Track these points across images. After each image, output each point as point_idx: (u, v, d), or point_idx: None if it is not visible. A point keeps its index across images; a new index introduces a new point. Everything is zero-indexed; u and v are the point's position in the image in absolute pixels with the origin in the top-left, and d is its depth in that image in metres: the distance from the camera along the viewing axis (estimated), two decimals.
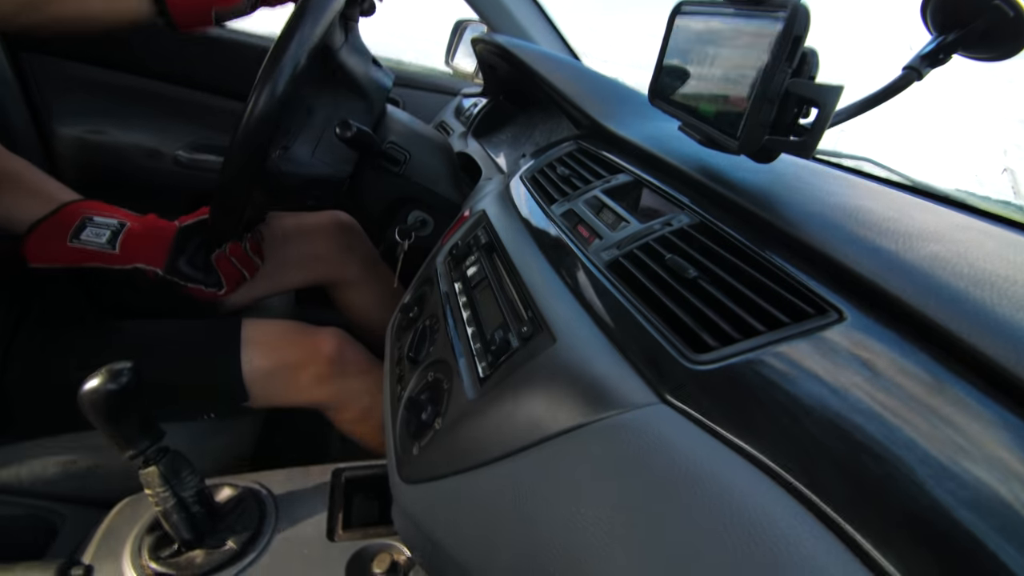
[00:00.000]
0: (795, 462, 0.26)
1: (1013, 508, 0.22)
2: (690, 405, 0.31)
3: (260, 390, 0.77)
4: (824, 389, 0.28)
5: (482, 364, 0.44)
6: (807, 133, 0.41)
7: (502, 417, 0.38)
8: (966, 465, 0.24)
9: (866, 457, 0.25)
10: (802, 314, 0.34)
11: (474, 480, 0.37)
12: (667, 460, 0.29)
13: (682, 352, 0.34)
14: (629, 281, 0.42)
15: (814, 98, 0.40)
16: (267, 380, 0.77)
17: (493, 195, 0.70)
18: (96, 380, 0.49)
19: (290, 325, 0.83)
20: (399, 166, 0.83)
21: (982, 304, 0.30)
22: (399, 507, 0.44)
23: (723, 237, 0.43)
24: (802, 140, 0.41)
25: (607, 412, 0.33)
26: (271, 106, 0.61)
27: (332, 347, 0.81)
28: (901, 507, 0.23)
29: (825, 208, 0.43)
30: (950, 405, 0.26)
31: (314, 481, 0.66)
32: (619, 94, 0.82)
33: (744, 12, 0.46)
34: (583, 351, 0.38)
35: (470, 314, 0.51)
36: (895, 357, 0.29)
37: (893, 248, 0.36)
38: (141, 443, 0.52)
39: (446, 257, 0.63)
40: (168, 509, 0.54)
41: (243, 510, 0.61)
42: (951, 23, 0.47)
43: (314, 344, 0.80)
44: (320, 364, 0.79)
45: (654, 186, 0.56)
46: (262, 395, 0.78)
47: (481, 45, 1.09)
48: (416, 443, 0.44)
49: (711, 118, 0.50)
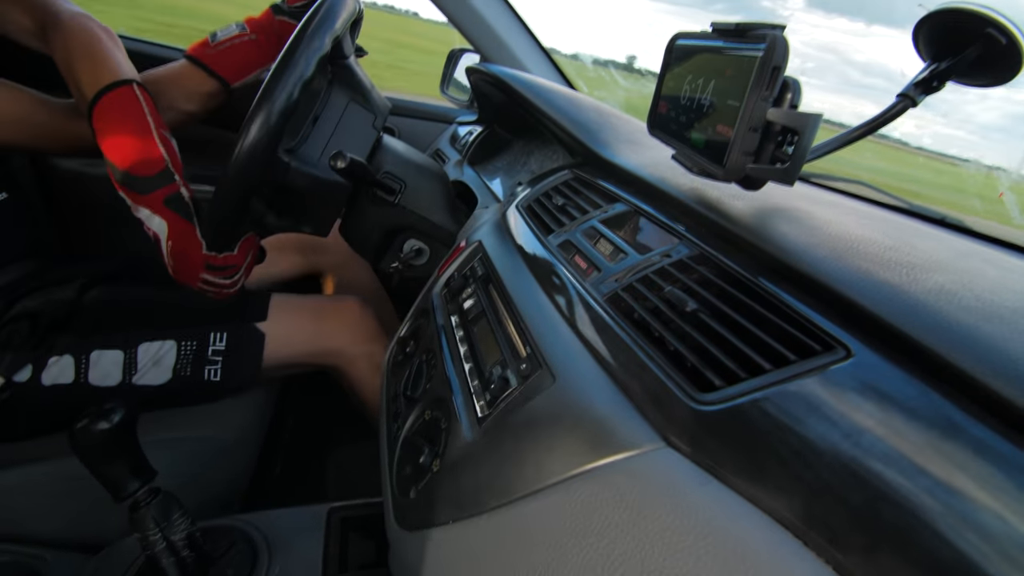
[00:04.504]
0: (809, 511, 0.25)
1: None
2: (696, 448, 0.30)
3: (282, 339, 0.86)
4: (836, 432, 0.27)
5: (480, 403, 0.43)
6: (789, 161, 0.41)
7: (502, 460, 0.36)
8: (989, 514, 0.23)
9: (884, 506, 0.24)
10: (807, 350, 0.33)
11: (474, 528, 0.36)
12: (675, 508, 0.28)
13: (686, 391, 0.33)
14: (629, 315, 0.41)
15: (793, 126, 0.40)
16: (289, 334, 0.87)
17: (489, 225, 0.69)
18: (88, 419, 0.48)
19: (312, 296, 0.95)
20: (395, 195, 0.83)
21: (992, 340, 0.29)
22: (397, 556, 0.42)
23: (723, 269, 0.43)
24: (784, 168, 0.41)
25: (610, 456, 0.32)
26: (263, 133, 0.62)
27: (355, 309, 0.94)
28: (924, 560, 0.22)
29: (825, 238, 0.43)
30: (968, 449, 0.25)
31: (308, 521, 0.65)
32: (614, 123, 0.83)
33: (730, 43, 0.46)
34: (584, 390, 0.37)
35: (467, 349, 0.50)
36: (907, 397, 0.28)
37: (897, 280, 0.35)
38: (132, 485, 0.50)
39: (442, 289, 0.62)
40: (157, 553, 0.52)
41: (235, 553, 0.59)
42: (944, 51, 0.47)
43: (337, 304, 0.94)
44: (342, 322, 0.91)
45: (651, 216, 0.55)
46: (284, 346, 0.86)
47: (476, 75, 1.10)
48: (413, 486, 0.42)
49: (701, 147, 0.50)
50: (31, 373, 0.73)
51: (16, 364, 0.72)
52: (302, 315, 0.90)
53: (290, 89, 0.62)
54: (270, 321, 0.86)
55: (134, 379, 0.77)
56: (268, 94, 0.61)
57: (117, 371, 0.76)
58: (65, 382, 0.74)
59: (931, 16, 0.46)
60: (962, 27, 0.45)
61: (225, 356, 0.81)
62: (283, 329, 0.87)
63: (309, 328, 0.89)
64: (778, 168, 0.42)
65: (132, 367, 0.77)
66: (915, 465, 0.25)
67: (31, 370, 0.73)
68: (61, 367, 0.74)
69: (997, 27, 0.42)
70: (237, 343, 0.83)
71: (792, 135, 0.42)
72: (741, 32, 0.45)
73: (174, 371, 0.79)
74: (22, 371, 0.72)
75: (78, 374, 0.74)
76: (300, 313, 0.90)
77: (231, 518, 0.64)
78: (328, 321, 0.90)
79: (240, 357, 0.83)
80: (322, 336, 0.89)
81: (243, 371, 0.83)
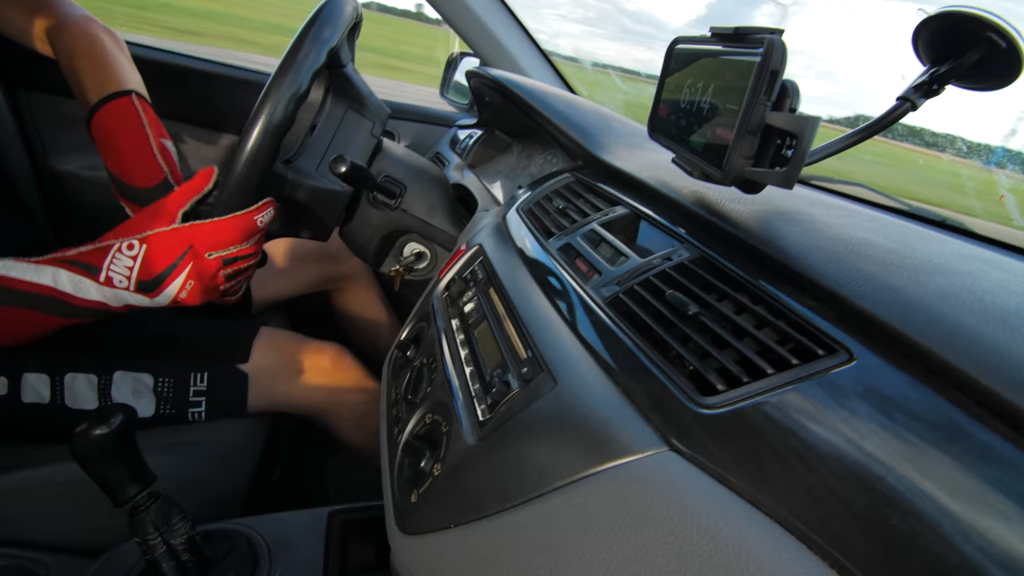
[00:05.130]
0: (813, 515, 0.25)
1: None
2: (699, 452, 0.30)
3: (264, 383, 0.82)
4: (839, 437, 0.27)
5: (481, 407, 0.42)
6: (788, 164, 0.41)
7: (503, 465, 0.36)
8: (994, 519, 0.22)
9: (889, 511, 0.24)
10: (809, 354, 0.33)
11: (476, 533, 0.35)
12: (678, 512, 0.28)
13: (689, 395, 0.33)
14: (631, 318, 0.41)
15: (791, 130, 0.40)
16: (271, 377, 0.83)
17: (490, 228, 0.69)
18: (87, 423, 0.47)
19: (296, 335, 0.89)
20: (395, 199, 0.83)
21: (995, 342, 0.29)
22: (398, 560, 0.42)
23: (724, 272, 0.43)
24: (783, 171, 0.41)
25: (613, 460, 0.32)
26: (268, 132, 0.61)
27: (332, 357, 0.88)
28: (928, 563, 0.22)
29: (825, 240, 0.43)
30: (971, 452, 0.25)
31: (309, 525, 0.64)
32: (614, 126, 0.83)
33: (728, 47, 0.47)
34: (585, 394, 0.37)
35: (468, 353, 0.50)
36: (909, 400, 0.28)
37: (898, 283, 0.35)
38: (132, 489, 0.50)
39: (443, 293, 0.62)
40: (157, 558, 0.52)
41: (235, 557, 0.59)
42: (944, 54, 0.47)
43: (318, 351, 0.87)
44: (320, 370, 0.86)
45: (652, 219, 0.55)
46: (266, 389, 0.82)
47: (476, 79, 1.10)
48: (414, 490, 0.42)
49: (701, 150, 0.50)
50: (7, 389, 0.70)
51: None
52: (282, 357, 0.85)
53: (285, 104, 0.61)
54: (253, 362, 0.82)
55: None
56: (262, 110, 0.61)
57: (93, 396, 0.73)
58: (41, 402, 0.71)
59: (931, 19, 0.46)
60: (962, 31, 0.45)
61: (208, 398, 0.78)
62: (265, 371, 0.83)
63: (289, 373, 0.85)
64: (777, 171, 0.42)
65: (107, 395, 0.74)
66: (918, 469, 0.25)
67: (7, 385, 0.70)
68: (37, 385, 0.71)
69: (997, 31, 0.43)
70: (220, 384, 0.79)
71: (791, 138, 0.42)
72: (739, 36, 0.45)
73: (156, 409, 0.75)
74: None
75: (54, 395, 0.72)
76: (280, 355, 0.85)
77: (231, 522, 0.64)
78: (307, 369, 0.86)
79: (224, 400, 0.79)
80: (302, 385, 0.85)
81: (228, 414, 0.80)
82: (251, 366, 0.81)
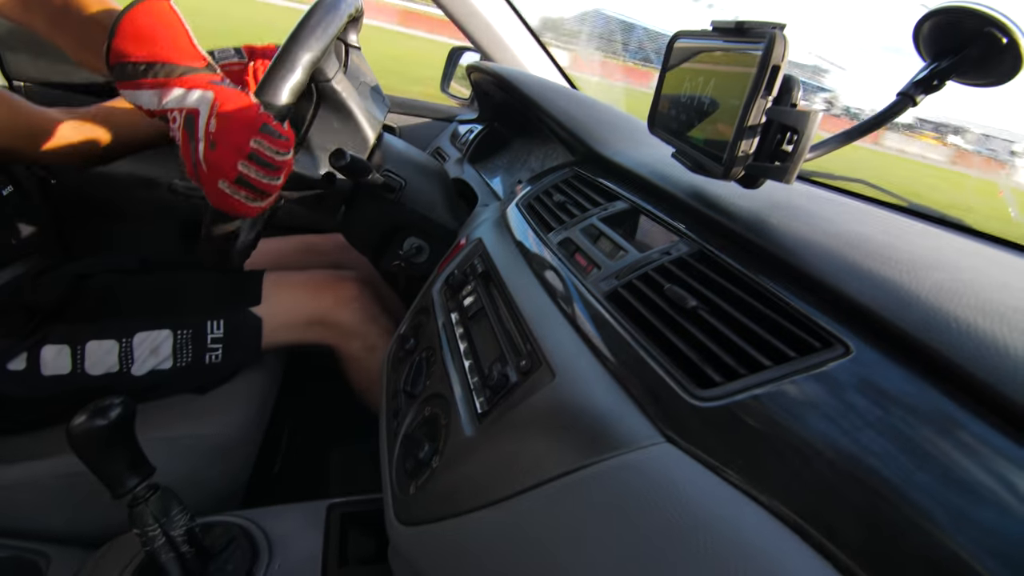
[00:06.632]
0: (808, 507, 0.25)
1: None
2: (696, 444, 0.30)
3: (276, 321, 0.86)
4: (835, 429, 0.27)
5: (480, 399, 0.43)
6: (788, 159, 0.41)
7: (501, 456, 0.37)
8: (988, 511, 0.23)
9: (883, 503, 0.24)
10: (806, 347, 0.33)
11: (474, 523, 0.36)
12: (674, 503, 0.28)
13: (686, 388, 0.33)
14: (629, 312, 0.42)
15: (792, 125, 0.40)
16: (284, 315, 0.87)
17: (489, 222, 0.69)
18: (85, 415, 0.48)
19: (302, 273, 0.93)
20: (395, 193, 0.83)
21: (992, 338, 0.29)
22: (396, 551, 0.42)
23: (723, 266, 0.43)
24: (782, 166, 0.41)
25: (610, 452, 0.32)
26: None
27: (343, 290, 0.91)
28: (922, 556, 0.22)
29: (825, 236, 0.43)
30: (967, 446, 0.25)
31: (308, 517, 0.65)
32: (614, 121, 0.83)
33: (730, 42, 0.47)
34: (583, 387, 0.37)
35: (467, 346, 0.50)
36: (905, 394, 0.28)
37: (896, 278, 0.35)
38: (131, 480, 0.50)
39: (442, 286, 0.62)
40: (157, 549, 0.52)
41: (235, 549, 0.59)
42: (944, 50, 0.47)
43: (328, 285, 0.91)
44: (331, 303, 0.89)
45: (651, 213, 0.55)
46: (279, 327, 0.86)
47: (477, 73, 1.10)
48: (413, 482, 0.43)
49: (701, 145, 0.50)
50: (26, 363, 0.72)
51: (10, 353, 0.72)
52: (297, 293, 0.89)
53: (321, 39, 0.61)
54: (265, 303, 0.86)
55: (132, 369, 0.76)
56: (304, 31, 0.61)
57: (114, 360, 0.76)
58: (62, 372, 0.73)
59: (931, 15, 0.46)
60: (962, 26, 0.45)
61: (225, 343, 0.82)
62: (280, 309, 0.87)
63: (305, 306, 0.89)
64: (777, 166, 0.42)
65: (129, 357, 0.77)
66: (914, 462, 0.25)
67: (26, 359, 0.72)
68: (57, 357, 0.73)
69: (998, 26, 0.42)
70: (235, 329, 0.83)
71: (791, 133, 0.42)
72: (741, 31, 0.45)
73: (174, 360, 0.79)
74: (16, 360, 0.72)
75: (75, 364, 0.74)
76: (295, 291, 0.89)
77: (231, 514, 0.64)
78: (325, 298, 0.90)
79: (239, 343, 0.83)
80: (319, 313, 0.89)
81: (243, 355, 0.84)
82: (264, 308, 0.85)
